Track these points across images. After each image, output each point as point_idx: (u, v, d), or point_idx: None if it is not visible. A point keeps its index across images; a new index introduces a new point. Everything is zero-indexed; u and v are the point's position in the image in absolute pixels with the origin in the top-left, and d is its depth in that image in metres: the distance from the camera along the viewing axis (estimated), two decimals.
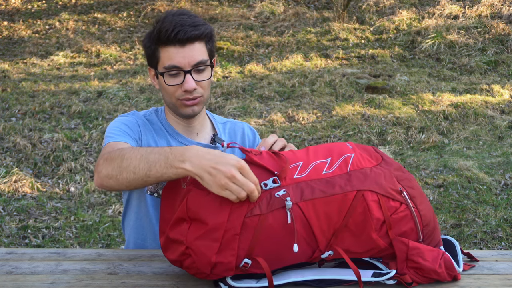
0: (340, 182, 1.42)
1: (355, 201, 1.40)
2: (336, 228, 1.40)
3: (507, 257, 1.68)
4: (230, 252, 1.35)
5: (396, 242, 1.43)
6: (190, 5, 10.32)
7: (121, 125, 1.75)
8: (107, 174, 1.48)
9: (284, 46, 8.78)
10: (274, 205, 1.37)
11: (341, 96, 7.11)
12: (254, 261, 1.37)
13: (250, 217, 1.35)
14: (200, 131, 1.87)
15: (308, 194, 1.39)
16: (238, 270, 1.38)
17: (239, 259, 1.36)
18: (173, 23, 1.67)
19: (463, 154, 5.70)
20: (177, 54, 1.68)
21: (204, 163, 1.34)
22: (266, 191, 1.38)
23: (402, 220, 1.44)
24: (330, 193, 1.40)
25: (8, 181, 4.86)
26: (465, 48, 8.42)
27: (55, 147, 5.55)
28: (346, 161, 1.46)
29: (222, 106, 6.71)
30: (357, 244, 1.43)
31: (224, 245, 1.34)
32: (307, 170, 1.44)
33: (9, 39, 9.40)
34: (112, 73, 7.97)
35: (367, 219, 1.41)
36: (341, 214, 1.40)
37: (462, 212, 4.53)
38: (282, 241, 1.38)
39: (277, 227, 1.37)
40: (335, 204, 1.40)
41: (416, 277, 1.44)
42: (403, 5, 9.75)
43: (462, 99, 6.93)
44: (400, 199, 1.44)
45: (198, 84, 1.72)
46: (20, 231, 4.21)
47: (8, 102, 6.65)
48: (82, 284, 1.43)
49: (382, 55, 8.42)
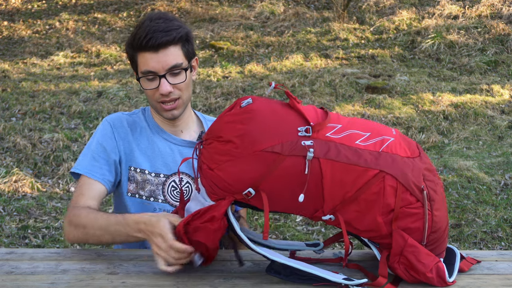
0: (367, 157, 1.42)
1: (373, 179, 1.40)
2: (346, 198, 1.41)
3: (507, 257, 1.68)
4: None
5: (395, 233, 1.43)
6: (190, 5, 10.32)
7: (97, 147, 1.82)
8: (75, 239, 1.70)
9: (284, 46, 8.78)
10: (296, 151, 1.38)
11: (341, 96, 7.11)
12: (257, 193, 1.39)
13: (269, 152, 1.38)
14: (185, 128, 1.92)
15: (332, 155, 1.40)
16: (240, 196, 1.40)
17: (244, 185, 1.38)
18: (146, 29, 1.73)
19: (463, 154, 5.70)
20: (151, 60, 1.75)
21: (147, 233, 1.51)
22: (296, 136, 1.40)
23: (412, 217, 1.44)
24: (353, 162, 1.40)
25: (8, 181, 4.86)
26: (465, 48, 8.42)
27: (55, 147, 5.55)
28: (382, 142, 1.46)
29: (222, 106, 6.71)
30: (359, 221, 1.43)
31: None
32: (342, 134, 1.44)
33: (9, 39, 9.40)
34: (112, 73, 7.97)
35: (378, 201, 1.41)
36: (354, 186, 1.40)
37: (462, 212, 4.53)
38: (290, 187, 1.39)
39: (291, 172, 1.38)
40: (353, 175, 1.40)
41: (404, 273, 1.44)
42: (403, 5, 9.75)
43: (462, 99, 6.93)
44: (419, 196, 1.44)
45: (174, 87, 1.78)
46: (20, 231, 4.21)
47: (8, 102, 6.65)
48: (82, 284, 1.43)
49: (382, 55, 8.41)
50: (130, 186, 1.84)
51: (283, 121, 1.43)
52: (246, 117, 1.42)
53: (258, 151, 1.37)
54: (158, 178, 1.84)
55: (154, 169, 1.84)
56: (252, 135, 1.39)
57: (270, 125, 1.41)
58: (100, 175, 1.78)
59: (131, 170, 1.83)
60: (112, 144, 1.83)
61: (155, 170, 1.84)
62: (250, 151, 1.38)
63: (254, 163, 1.37)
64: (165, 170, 1.85)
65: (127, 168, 1.84)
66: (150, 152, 1.85)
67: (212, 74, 7.77)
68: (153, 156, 1.85)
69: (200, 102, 6.79)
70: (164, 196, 1.84)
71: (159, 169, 1.84)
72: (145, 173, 1.83)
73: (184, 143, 1.88)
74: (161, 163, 1.85)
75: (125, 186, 1.84)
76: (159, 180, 1.84)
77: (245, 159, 1.38)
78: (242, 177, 1.38)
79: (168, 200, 1.84)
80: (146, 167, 1.84)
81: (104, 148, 1.82)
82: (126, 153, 1.84)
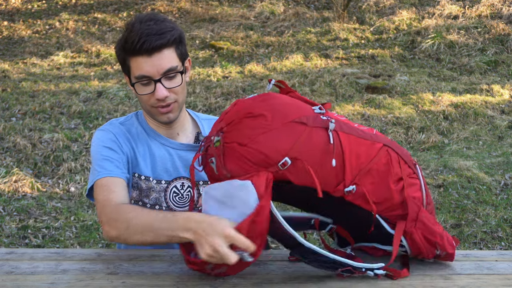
0: (370, 134, 1.53)
1: (381, 152, 1.50)
2: (362, 169, 1.48)
3: (507, 257, 1.68)
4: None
5: (410, 201, 1.51)
6: (190, 5, 10.32)
7: (104, 150, 1.74)
8: (116, 236, 1.56)
9: (284, 46, 8.78)
10: (318, 123, 1.45)
11: (341, 96, 7.11)
12: (293, 162, 1.41)
13: (298, 123, 1.43)
14: (181, 131, 1.87)
15: (346, 129, 1.48)
16: (275, 168, 1.41)
17: (280, 155, 1.40)
18: (138, 32, 1.66)
19: (463, 154, 5.70)
20: (145, 64, 1.68)
21: (200, 233, 1.39)
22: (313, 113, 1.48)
23: (413, 186, 1.54)
24: (362, 136, 1.50)
25: (8, 181, 4.86)
26: (465, 48, 8.42)
27: (55, 147, 5.55)
28: (371, 129, 1.58)
29: (222, 106, 6.71)
30: (374, 192, 1.49)
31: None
32: (342, 118, 1.56)
33: (9, 39, 9.40)
34: (112, 73, 7.97)
35: (389, 170, 1.50)
36: (368, 158, 1.48)
37: (462, 212, 4.53)
38: (318, 156, 1.43)
39: (318, 143, 1.43)
40: (364, 147, 1.49)
41: (420, 239, 1.52)
42: (403, 5, 9.75)
43: (462, 99, 6.93)
44: (414, 169, 1.56)
45: (170, 91, 1.72)
46: (20, 231, 4.21)
47: (8, 102, 6.65)
48: (82, 284, 1.43)
49: (382, 55, 8.42)
50: (134, 193, 1.79)
51: (298, 103, 1.52)
52: (266, 97, 1.48)
53: (288, 122, 1.43)
54: (160, 184, 1.80)
55: (156, 175, 1.80)
56: (280, 109, 1.45)
57: (290, 103, 1.49)
58: (121, 173, 1.72)
59: (135, 176, 1.79)
60: (116, 146, 1.76)
61: (156, 176, 1.80)
62: (281, 122, 1.43)
63: (287, 133, 1.42)
64: (166, 176, 1.80)
65: (131, 175, 1.79)
66: (150, 158, 1.80)
67: (212, 74, 7.77)
68: (153, 162, 1.80)
69: (200, 102, 6.79)
70: (167, 202, 1.80)
71: (160, 176, 1.80)
72: (150, 180, 1.79)
73: (182, 147, 1.84)
74: (161, 169, 1.80)
75: (129, 193, 1.79)
76: (160, 186, 1.80)
77: (277, 130, 1.42)
78: (278, 147, 1.41)
79: (171, 207, 1.80)
80: (149, 174, 1.79)
81: (112, 150, 1.75)
82: (130, 159, 1.78)
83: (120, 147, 1.77)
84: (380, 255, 1.64)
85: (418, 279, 1.50)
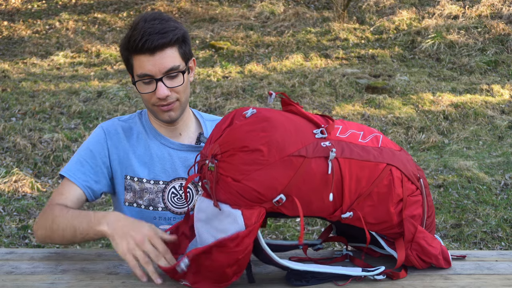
0: (374, 153, 1.48)
1: (383, 173, 1.47)
2: (361, 193, 1.45)
3: (507, 257, 1.68)
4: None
5: (406, 222, 1.49)
6: (190, 5, 10.32)
7: (85, 151, 1.79)
8: (42, 236, 1.67)
9: (284, 46, 8.78)
10: (318, 152, 1.40)
11: (341, 96, 7.11)
12: (288, 199, 1.38)
13: (297, 156, 1.38)
14: (184, 130, 1.86)
15: (348, 153, 1.44)
16: (270, 204, 1.38)
17: (275, 192, 1.37)
18: (141, 31, 1.67)
19: (463, 154, 5.70)
20: (147, 63, 1.69)
21: (119, 226, 1.50)
22: (314, 139, 1.42)
23: (414, 204, 1.52)
24: (365, 158, 1.46)
25: (8, 181, 4.86)
26: (465, 48, 8.42)
27: (55, 147, 5.55)
28: (377, 138, 1.53)
29: (222, 106, 6.71)
30: (373, 214, 1.47)
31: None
32: (347, 134, 1.50)
33: (9, 39, 9.40)
34: (112, 73, 7.97)
35: (390, 192, 1.47)
36: (369, 181, 1.45)
37: (462, 212, 4.53)
38: (316, 189, 1.40)
39: (317, 174, 1.40)
40: (367, 170, 1.45)
41: (416, 259, 1.52)
42: (403, 5, 9.75)
43: (462, 99, 6.93)
44: (418, 184, 1.53)
45: (172, 90, 1.72)
46: (20, 231, 4.21)
47: (8, 102, 6.65)
48: (82, 284, 1.43)
49: (382, 55, 8.41)
50: (127, 196, 1.79)
51: (298, 126, 1.44)
52: (266, 125, 1.40)
53: (286, 157, 1.37)
54: (157, 185, 1.79)
55: (153, 176, 1.79)
56: (277, 142, 1.38)
57: (290, 130, 1.41)
58: (82, 181, 1.74)
59: (127, 179, 1.78)
60: (102, 152, 1.78)
61: (153, 177, 1.79)
62: (278, 157, 1.37)
63: (283, 168, 1.37)
64: (164, 177, 1.79)
65: (122, 177, 1.78)
66: (148, 158, 1.80)
67: (212, 74, 7.77)
68: (151, 163, 1.79)
69: (200, 102, 6.79)
70: (165, 203, 1.79)
71: (158, 176, 1.79)
72: (143, 182, 1.78)
73: (183, 147, 1.82)
74: (159, 169, 1.79)
75: (121, 195, 1.79)
76: (158, 187, 1.79)
77: (274, 166, 1.36)
78: (273, 184, 1.36)
79: (169, 208, 1.79)
80: (143, 175, 1.78)
81: (92, 154, 1.77)
82: (121, 162, 1.78)
83: (105, 154, 1.79)
84: (377, 256, 1.65)
85: (418, 279, 1.50)
